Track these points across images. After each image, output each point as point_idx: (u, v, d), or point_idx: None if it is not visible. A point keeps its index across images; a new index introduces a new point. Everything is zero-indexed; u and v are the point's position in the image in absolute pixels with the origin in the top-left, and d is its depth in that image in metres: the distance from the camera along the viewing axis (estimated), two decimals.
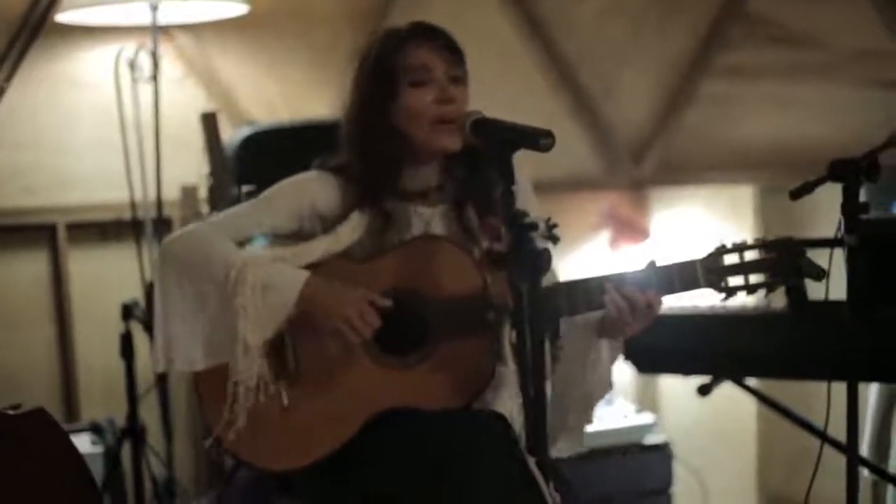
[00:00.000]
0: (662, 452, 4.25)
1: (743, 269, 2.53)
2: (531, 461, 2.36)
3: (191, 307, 2.55)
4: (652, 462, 4.23)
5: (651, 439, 4.24)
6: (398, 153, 2.64)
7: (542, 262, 2.22)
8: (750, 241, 2.54)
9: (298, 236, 2.65)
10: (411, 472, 2.41)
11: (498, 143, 2.40)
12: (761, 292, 2.55)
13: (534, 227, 2.23)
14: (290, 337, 2.56)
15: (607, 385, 2.67)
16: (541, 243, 2.25)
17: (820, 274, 2.53)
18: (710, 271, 2.53)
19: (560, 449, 2.67)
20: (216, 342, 2.53)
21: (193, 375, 2.59)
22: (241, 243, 2.59)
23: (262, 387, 2.50)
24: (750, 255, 2.54)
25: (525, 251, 2.22)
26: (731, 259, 2.53)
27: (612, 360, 2.67)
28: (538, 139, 2.30)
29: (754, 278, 2.53)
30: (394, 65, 2.61)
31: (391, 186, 2.65)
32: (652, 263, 2.55)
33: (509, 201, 2.28)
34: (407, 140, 2.62)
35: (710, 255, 2.54)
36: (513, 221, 2.24)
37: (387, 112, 2.62)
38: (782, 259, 2.52)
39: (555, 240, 2.31)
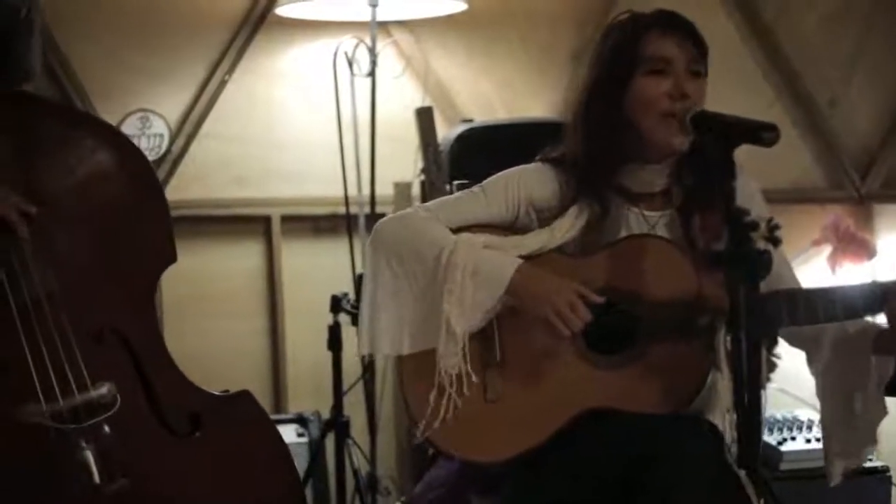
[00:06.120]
0: (881, 477, 4.10)
1: None
2: (742, 474, 2.27)
3: (399, 289, 2.53)
4: (870, 486, 4.09)
5: (869, 463, 4.08)
6: (623, 145, 2.56)
7: (761, 264, 2.11)
8: None
9: (513, 228, 2.62)
10: (608, 484, 2.35)
11: (719, 137, 2.30)
12: None
13: (754, 226, 2.12)
14: (497, 326, 2.52)
15: (882, 406, 2.53)
16: (761, 245, 2.14)
17: None
18: None
19: (834, 475, 2.56)
20: (423, 326, 2.50)
21: (396, 361, 2.57)
22: (455, 231, 2.55)
23: (464, 376, 2.46)
24: None
25: (743, 252, 2.11)
26: None
27: (881, 379, 2.50)
28: (761, 133, 2.19)
29: None
30: (633, 51, 2.53)
31: (612, 181, 2.58)
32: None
33: (729, 198, 2.18)
34: (633, 132, 2.53)
35: None
36: (732, 220, 2.13)
37: (618, 99, 2.54)
38: None
39: (776, 242, 2.19)
